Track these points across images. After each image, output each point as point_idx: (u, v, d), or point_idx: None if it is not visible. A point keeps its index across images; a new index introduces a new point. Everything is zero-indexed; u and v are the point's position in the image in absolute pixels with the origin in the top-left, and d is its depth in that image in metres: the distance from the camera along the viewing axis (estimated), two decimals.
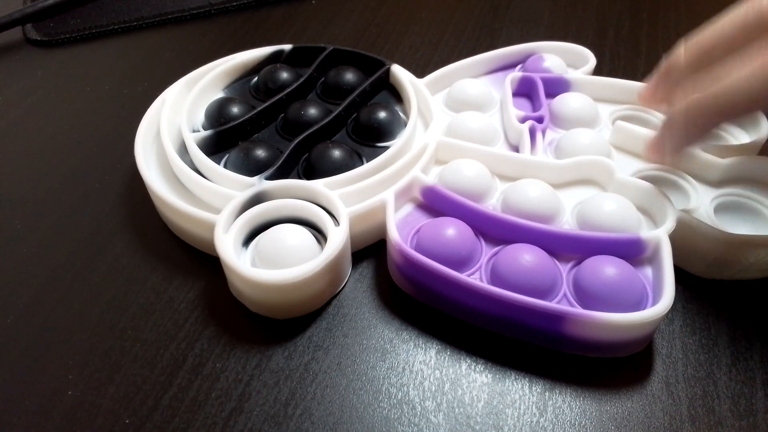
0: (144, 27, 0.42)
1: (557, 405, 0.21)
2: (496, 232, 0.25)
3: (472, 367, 0.22)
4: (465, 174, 0.26)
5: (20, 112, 0.35)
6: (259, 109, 0.29)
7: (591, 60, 0.32)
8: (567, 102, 0.30)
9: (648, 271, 0.23)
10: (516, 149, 0.29)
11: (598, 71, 0.33)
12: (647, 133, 0.27)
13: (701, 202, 0.26)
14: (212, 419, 0.21)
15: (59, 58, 0.39)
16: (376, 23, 0.41)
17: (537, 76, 0.31)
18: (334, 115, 0.29)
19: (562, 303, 0.22)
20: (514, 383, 0.22)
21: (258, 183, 0.25)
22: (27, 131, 0.34)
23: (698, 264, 0.25)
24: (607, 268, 0.22)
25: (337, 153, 0.26)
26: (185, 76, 0.31)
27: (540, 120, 0.29)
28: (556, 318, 0.21)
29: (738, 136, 0.29)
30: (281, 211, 0.25)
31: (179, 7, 0.43)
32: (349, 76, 0.31)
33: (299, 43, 0.35)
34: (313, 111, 0.29)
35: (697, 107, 0.22)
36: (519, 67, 0.33)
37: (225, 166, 0.27)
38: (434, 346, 0.23)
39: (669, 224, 0.24)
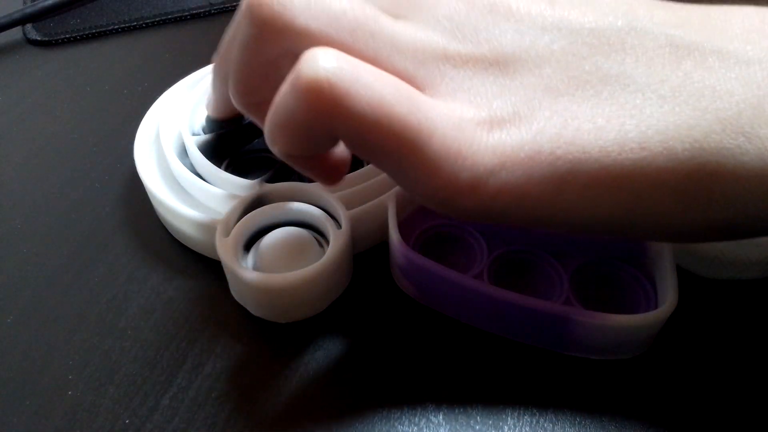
0: (144, 27, 0.42)
1: (557, 405, 0.21)
2: (499, 233, 0.25)
3: (472, 367, 0.22)
4: None
5: (20, 112, 0.35)
6: None
7: None
8: None
9: (650, 273, 0.23)
10: None
11: None
12: None
13: None
14: (212, 419, 0.21)
15: (59, 58, 0.39)
16: None
17: None
18: None
19: (566, 305, 0.22)
20: (515, 383, 0.22)
21: (259, 186, 0.25)
22: (27, 131, 0.34)
23: (698, 264, 0.25)
24: (609, 270, 0.22)
25: None
26: (185, 78, 0.31)
27: None
28: (560, 319, 0.21)
29: None
30: (282, 214, 0.25)
31: (179, 7, 0.43)
32: None
33: None
34: None
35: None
36: None
37: (226, 170, 0.27)
38: (434, 346, 0.23)
39: None
